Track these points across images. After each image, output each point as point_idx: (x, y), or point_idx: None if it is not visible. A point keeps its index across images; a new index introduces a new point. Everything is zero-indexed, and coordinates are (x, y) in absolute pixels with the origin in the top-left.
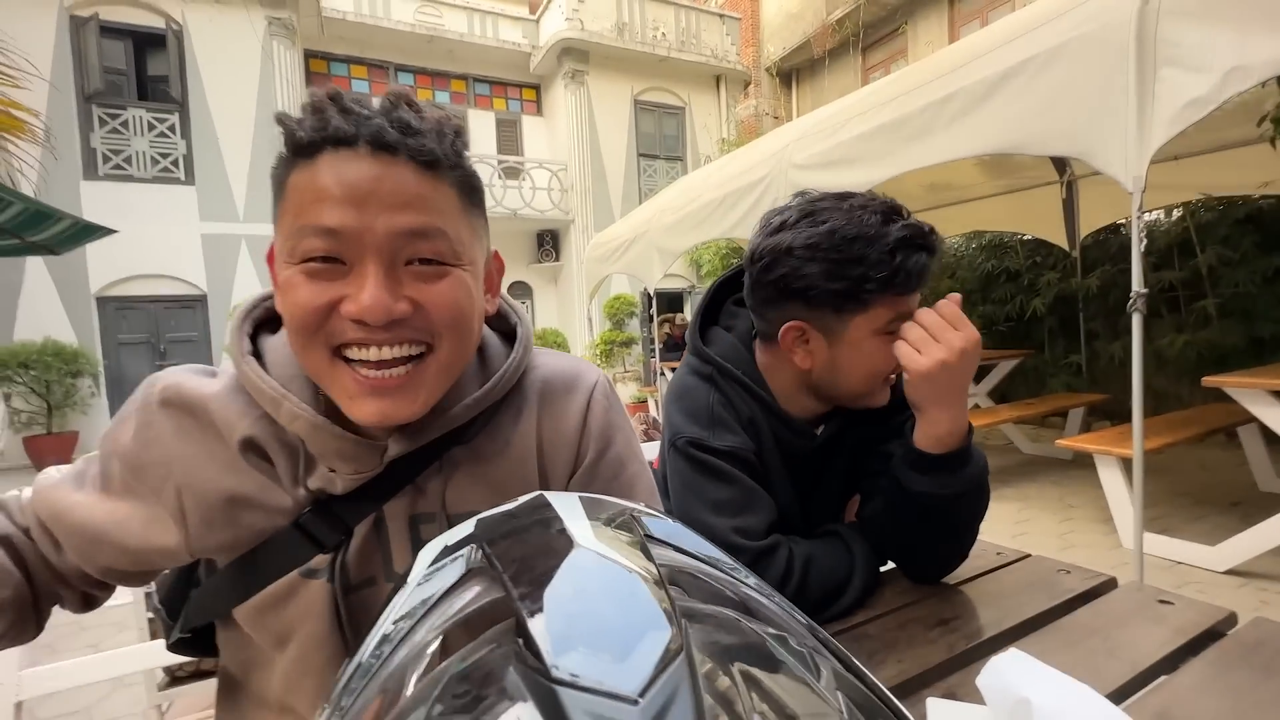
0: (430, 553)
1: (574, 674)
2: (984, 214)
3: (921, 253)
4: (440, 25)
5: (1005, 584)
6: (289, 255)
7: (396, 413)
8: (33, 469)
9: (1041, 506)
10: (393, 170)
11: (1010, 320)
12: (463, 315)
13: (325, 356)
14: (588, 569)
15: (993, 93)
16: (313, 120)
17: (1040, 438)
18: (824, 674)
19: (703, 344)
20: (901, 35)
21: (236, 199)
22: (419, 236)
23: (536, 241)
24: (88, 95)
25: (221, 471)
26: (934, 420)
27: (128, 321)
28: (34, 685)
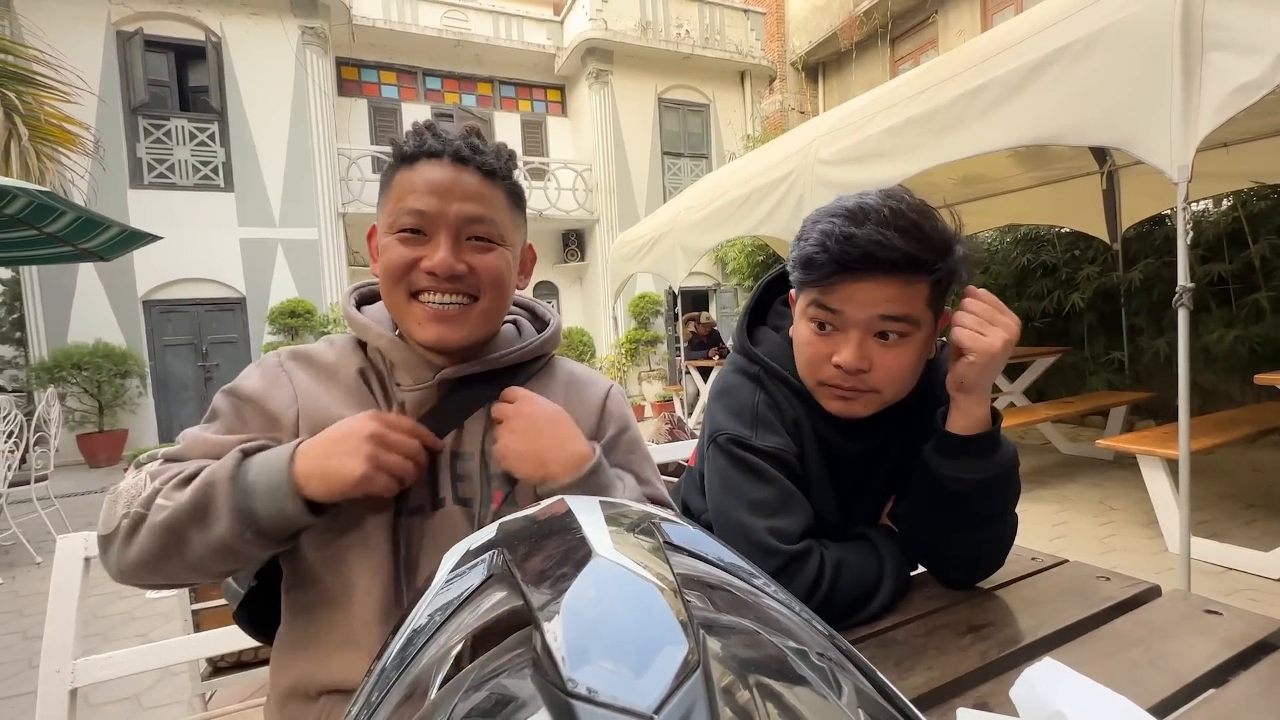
0: (454, 556)
1: (590, 688)
2: (1019, 207)
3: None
4: (466, 29)
5: (1041, 590)
6: (389, 228)
7: (449, 335)
8: (86, 466)
9: (1080, 509)
10: (463, 175)
11: (1047, 316)
12: (501, 279)
13: (405, 297)
14: (606, 578)
15: (1028, 82)
16: (414, 140)
17: (1079, 437)
18: (846, 691)
19: (750, 343)
20: (932, 25)
21: (272, 204)
22: (477, 221)
23: (562, 242)
24: (133, 107)
25: (332, 402)
26: (976, 402)
27: (172, 324)
28: (87, 674)
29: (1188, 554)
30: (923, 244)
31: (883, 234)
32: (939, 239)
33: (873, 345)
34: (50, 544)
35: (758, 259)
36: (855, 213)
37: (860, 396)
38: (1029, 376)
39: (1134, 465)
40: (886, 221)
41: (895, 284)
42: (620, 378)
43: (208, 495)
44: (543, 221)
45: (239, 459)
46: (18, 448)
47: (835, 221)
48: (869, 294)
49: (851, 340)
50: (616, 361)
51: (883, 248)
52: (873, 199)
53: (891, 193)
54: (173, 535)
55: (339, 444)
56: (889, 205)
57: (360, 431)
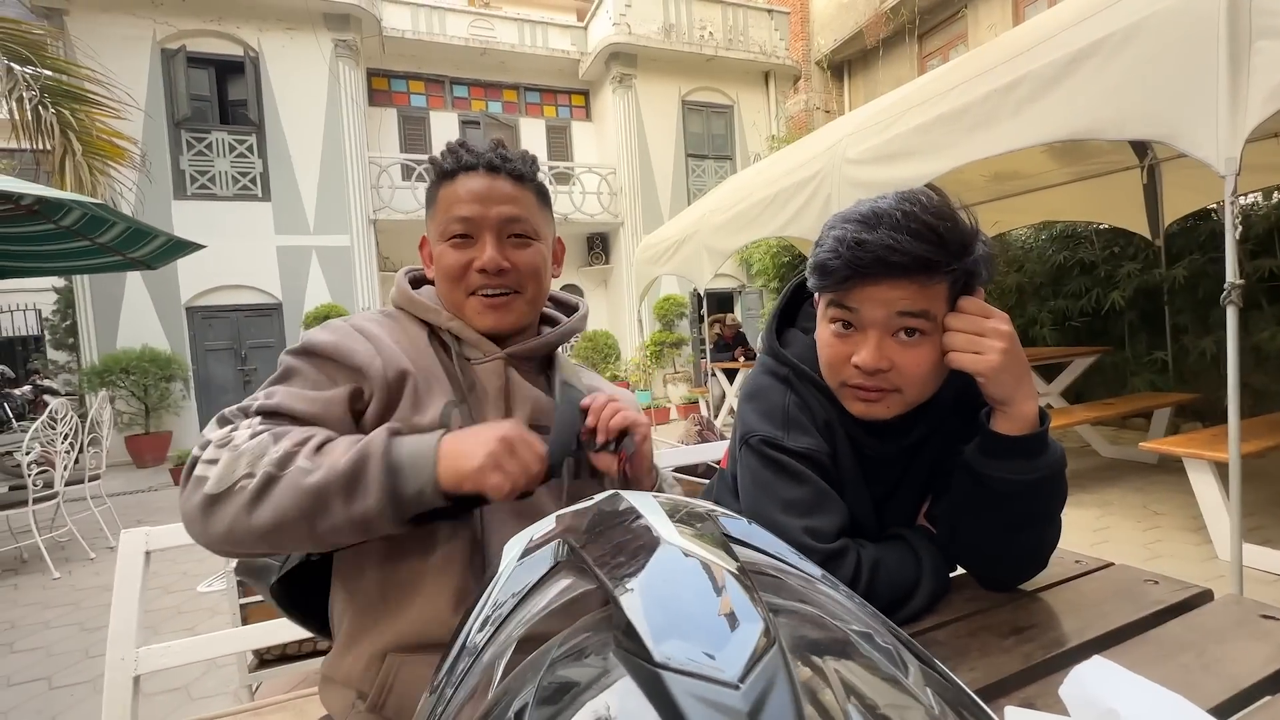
0: (517, 546)
1: (675, 660)
2: (1054, 203)
3: (853, 255)
4: (493, 37)
5: (1085, 593)
6: (440, 236)
7: (502, 321)
8: (133, 466)
9: (1124, 514)
10: (497, 182)
11: (1085, 315)
12: (539, 271)
13: (463, 295)
14: (676, 563)
15: (1063, 76)
16: (451, 158)
17: (1121, 440)
18: (911, 671)
19: (779, 345)
20: (961, 20)
21: (307, 212)
22: (514, 221)
23: (586, 245)
24: (177, 121)
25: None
26: (1022, 403)
27: (213, 329)
28: (148, 661)
29: (1239, 560)
30: (936, 246)
31: (894, 238)
32: (955, 239)
33: (892, 345)
34: (103, 540)
35: (784, 260)
36: (869, 217)
37: (884, 397)
38: (1067, 377)
39: (1179, 469)
40: (899, 225)
41: (911, 285)
42: (645, 380)
43: (360, 467)
44: (567, 225)
45: (388, 436)
46: (73, 449)
47: (848, 228)
48: (884, 294)
49: (871, 340)
50: (641, 364)
51: (894, 251)
52: (887, 202)
53: (908, 195)
54: (319, 500)
55: (475, 436)
56: (902, 209)
57: (496, 433)
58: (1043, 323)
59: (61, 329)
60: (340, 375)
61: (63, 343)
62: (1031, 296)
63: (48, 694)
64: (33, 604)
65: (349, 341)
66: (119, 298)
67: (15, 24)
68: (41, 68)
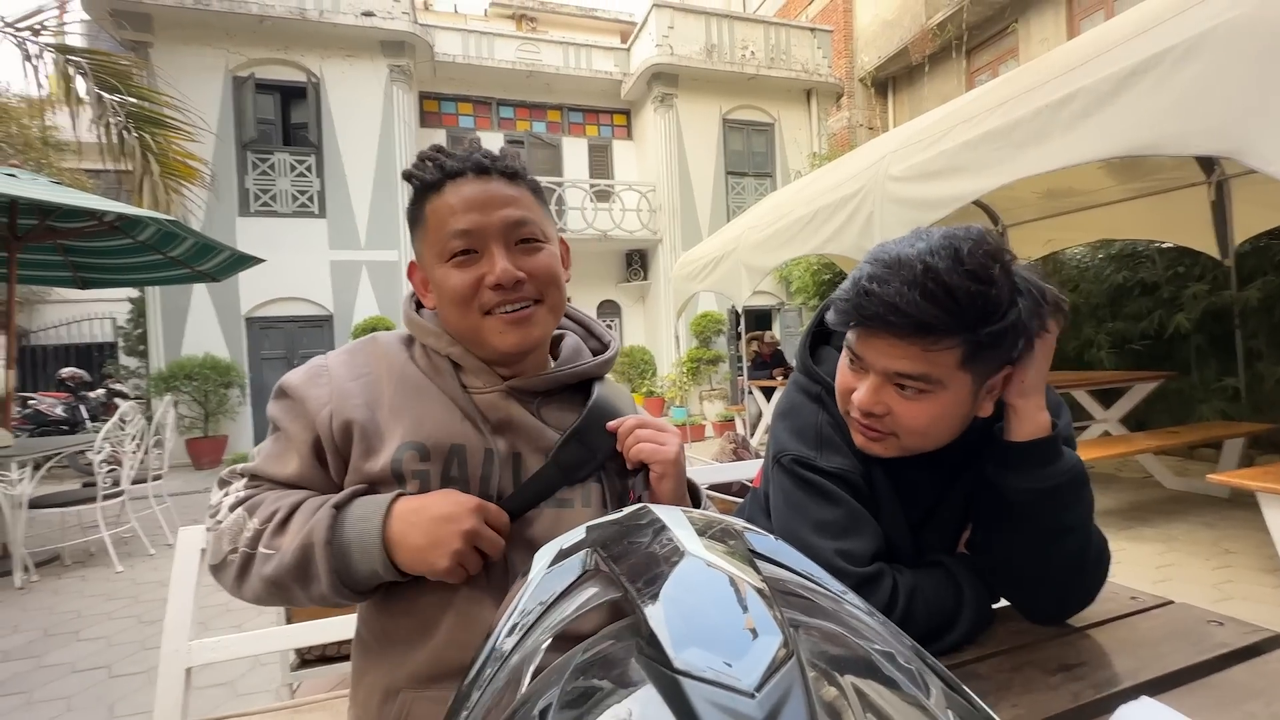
0: (547, 554)
1: (694, 667)
2: (1112, 220)
3: (858, 303)
4: (539, 60)
5: (1141, 631)
6: (439, 257)
7: (528, 336)
8: (192, 468)
9: (1191, 550)
10: (491, 184)
11: (1147, 338)
12: (556, 276)
13: (478, 318)
14: (699, 575)
15: (1121, 90)
16: (432, 166)
17: (1188, 471)
18: (934, 692)
19: (813, 362)
20: (1011, 34)
21: (359, 229)
22: (520, 224)
23: (625, 261)
24: (244, 143)
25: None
26: (1037, 407)
27: (269, 339)
28: (200, 654)
29: None
30: (946, 314)
31: (902, 297)
32: (975, 307)
33: (890, 392)
34: (161, 538)
35: (824, 278)
36: (891, 264)
37: (882, 438)
38: (1126, 403)
39: (1253, 504)
40: (915, 281)
41: (913, 346)
42: (681, 397)
43: (307, 555)
44: (607, 242)
45: (332, 517)
46: (139, 449)
47: (868, 269)
48: (885, 350)
49: (870, 383)
50: (678, 380)
51: (895, 311)
52: (919, 248)
53: (949, 242)
54: (279, 587)
55: (435, 529)
56: (927, 261)
57: (459, 525)
58: (1100, 345)
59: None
60: (304, 422)
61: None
62: (1088, 318)
63: (107, 682)
64: (97, 595)
65: (309, 388)
66: (185, 308)
67: (106, 56)
68: (127, 95)
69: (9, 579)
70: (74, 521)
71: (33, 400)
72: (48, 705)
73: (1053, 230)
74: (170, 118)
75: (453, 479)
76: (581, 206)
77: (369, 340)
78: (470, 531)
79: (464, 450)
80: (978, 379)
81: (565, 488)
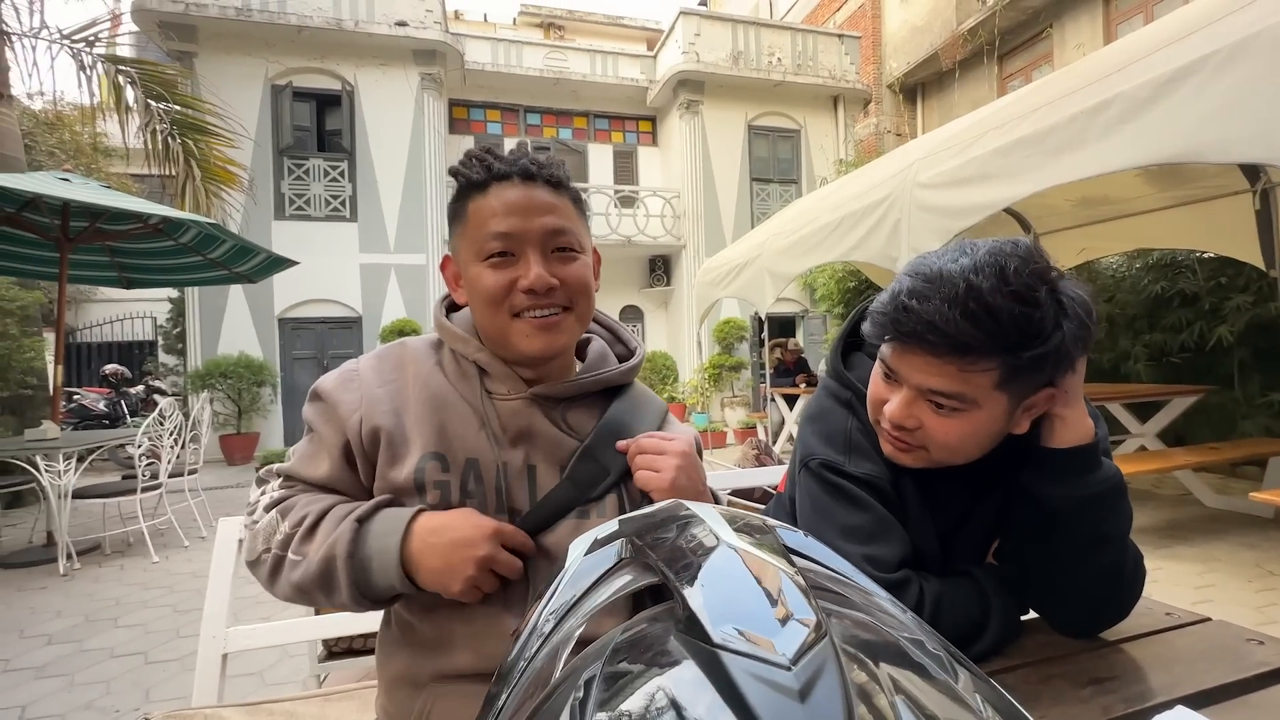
0: (583, 544)
1: (732, 642)
2: (1150, 229)
3: (895, 318)
4: (566, 68)
5: (1177, 648)
6: (476, 255)
7: (553, 343)
8: (225, 463)
9: (1231, 571)
10: (535, 190)
11: (1186, 350)
12: (587, 286)
13: (507, 319)
14: (733, 563)
15: (1160, 96)
16: (479, 167)
17: (1229, 489)
18: (962, 677)
19: (844, 367)
20: (1046, 39)
21: (389, 232)
22: (558, 233)
23: (649, 266)
24: (280, 149)
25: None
26: (1081, 414)
27: (300, 339)
28: (236, 641)
29: None
30: (987, 335)
31: (942, 315)
32: (1017, 330)
33: (923, 407)
34: (195, 530)
35: (849, 285)
36: (931, 279)
37: (911, 450)
38: (1164, 417)
39: None
40: (956, 299)
41: (949, 365)
42: (703, 403)
43: (329, 567)
44: (630, 247)
45: (354, 531)
46: (177, 444)
47: (908, 283)
48: (920, 366)
49: (902, 397)
50: (699, 386)
51: (933, 329)
52: (962, 264)
53: (994, 259)
54: (305, 593)
55: (451, 553)
56: (970, 279)
57: (475, 551)
58: (1136, 358)
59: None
60: (335, 425)
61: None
62: (1124, 329)
63: (144, 668)
64: (135, 584)
65: (341, 392)
66: (222, 308)
67: (154, 65)
68: (173, 103)
69: (54, 565)
70: (114, 512)
71: (77, 395)
72: (89, 688)
73: (1087, 239)
74: (212, 125)
75: (470, 492)
76: (606, 212)
77: (398, 345)
78: (485, 558)
79: (478, 464)
80: (1015, 399)
81: (585, 502)
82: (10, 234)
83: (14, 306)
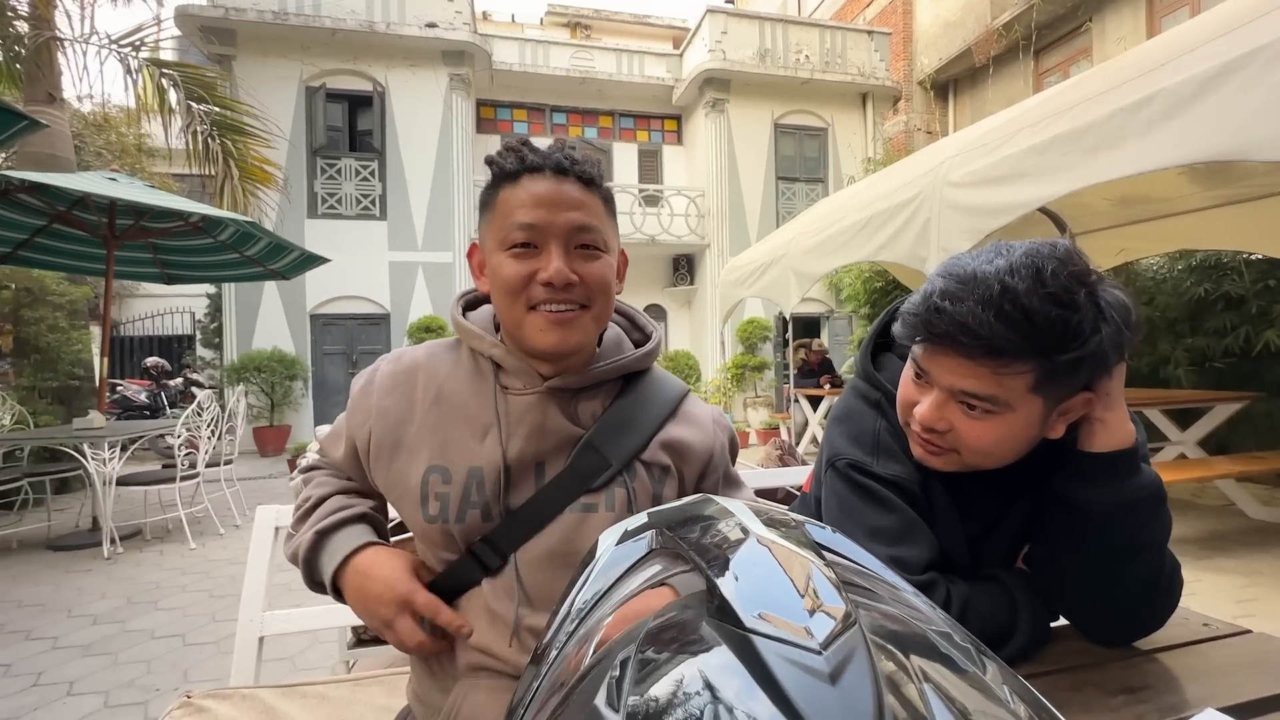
0: (613, 535)
1: (763, 627)
2: (1193, 230)
3: (928, 319)
4: (592, 67)
5: (1214, 659)
6: (499, 245)
7: (567, 339)
8: (257, 455)
9: (1276, 585)
10: (566, 186)
11: (1230, 356)
12: (607, 286)
13: (523, 310)
14: (763, 554)
15: (1205, 92)
16: (513, 158)
17: (1275, 500)
18: (990, 670)
19: (873, 368)
20: (1084, 33)
21: (417, 231)
22: (584, 230)
23: (672, 266)
24: (314, 149)
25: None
26: (1115, 419)
27: (330, 335)
28: (272, 625)
29: None
30: (1022, 338)
31: (976, 317)
32: (1055, 333)
33: (955, 410)
34: (230, 519)
35: (876, 286)
36: (965, 280)
37: (942, 453)
38: (1206, 425)
39: None
40: (990, 301)
41: (983, 367)
42: (725, 403)
43: (296, 559)
44: (654, 246)
45: (314, 541)
46: (213, 435)
47: (940, 284)
48: (952, 369)
49: (933, 399)
50: (722, 386)
51: (966, 331)
52: (997, 266)
53: (1031, 260)
54: (294, 565)
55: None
56: (1005, 281)
57: (379, 611)
58: (1177, 362)
59: (210, 330)
60: (353, 424)
61: (210, 342)
62: (1164, 333)
63: (182, 649)
64: (173, 569)
65: (361, 398)
66: (257, 304)
67: (195, 69)
68: (213, 105)
69: (99, 549)
70: (154, 500)
71: (119, 386)
72: (131, 667)
73: (1126, 239)
74: (250, 126)
75: (472, 503)
76: (630, 211)
77: (421, 350)
78: (386, 622)
79: (481, 472)
80: (1050, 403)
81: (587, 494)
82: (61, 231)
83: (64, 301)
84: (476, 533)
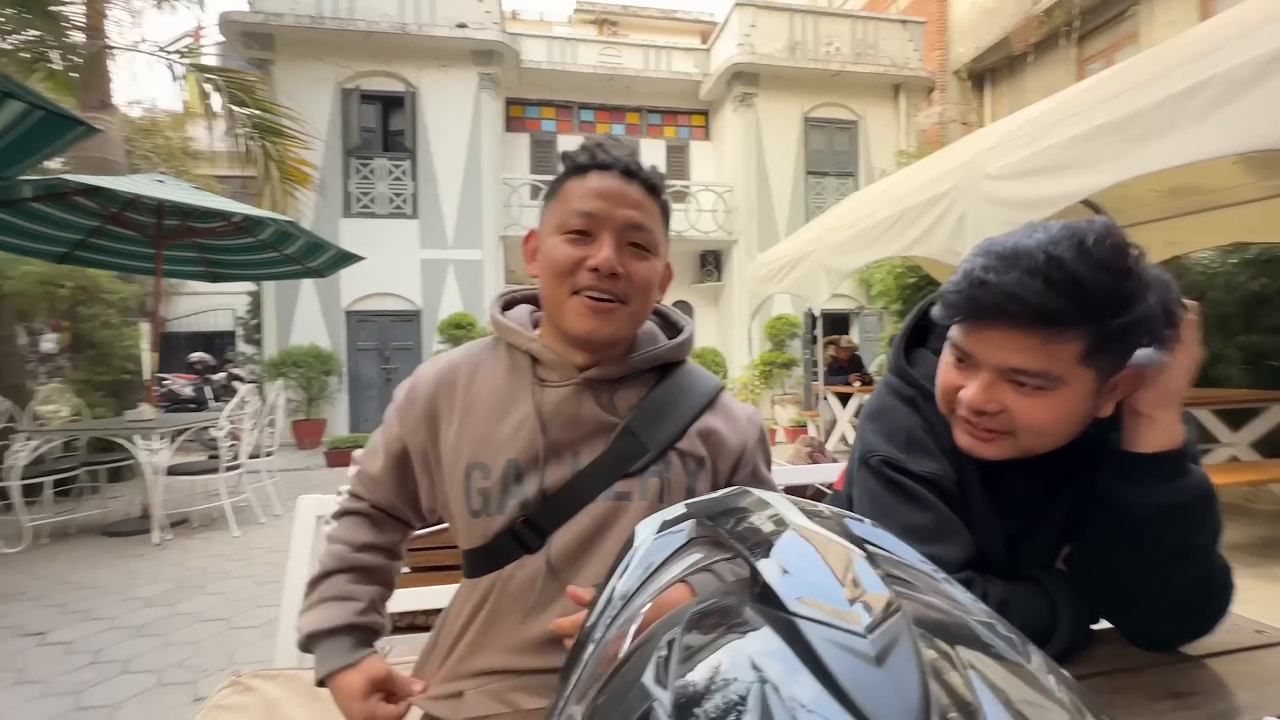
0: (651, 525)
1: (808, 612)
2: (1248, 221)
3: (972, 294)
4: (619, 64)
5: (1268, 666)
6: (556, 229)
7: (602, 328)
8: (295, 448)
9: None
10: (630, 186)
11: None
12: (650, 287)
13: (566, 293)
14: (804, 543)
15: (1262, 77)
16: (586, 154)
17: None
18: (1035, 659)
19: (906, 364)
20: (1131, 18)
21: (447, 229)
22: (637, 229)
23: (699, 262)
24: (348, 150)
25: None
26: (1166, 418)
27: (364, 331)
28: None
29: None
30: (1073, 302)
31: (1024, 284)
32: (1105, 298)
33: (1005, 389)
34: (271, 509)
35: (908, 281)
36: (1007, 254)
37: (994, 438)
38: (1260, 426)
39: None
40: (1038, 269)
41: (1032, 338)
42: (752, 400)
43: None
44: (681, 243)
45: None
46: (255, 428)
47: (980, 260)
48: (1000, 344)
49: (981, 379)
50: (749, 383)
51: (1015, 300)
52: (1039, 238)
53: (1074, 231)
54: None
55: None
56: (1049, 250)
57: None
58: (1230, 360)
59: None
60: (394, 434)
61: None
62: (1216, 329)
63: (228, 632)
64: (218, 556)
65: (404, 408)
66: (294, 301)
67: (236, 73)
68: (253, 108)
69: (149, 536)
70: (200, 489)
71: (167, 380)
72: (180, 648)
73: (1175, 232)
74: (288, 128)
75: (511, 494)
76: None
77: (460, 350)
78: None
79: (518, 463)
80: (1101, 376)
81: (622, 479)
82: (114, 231)
83: (116, 298)
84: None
